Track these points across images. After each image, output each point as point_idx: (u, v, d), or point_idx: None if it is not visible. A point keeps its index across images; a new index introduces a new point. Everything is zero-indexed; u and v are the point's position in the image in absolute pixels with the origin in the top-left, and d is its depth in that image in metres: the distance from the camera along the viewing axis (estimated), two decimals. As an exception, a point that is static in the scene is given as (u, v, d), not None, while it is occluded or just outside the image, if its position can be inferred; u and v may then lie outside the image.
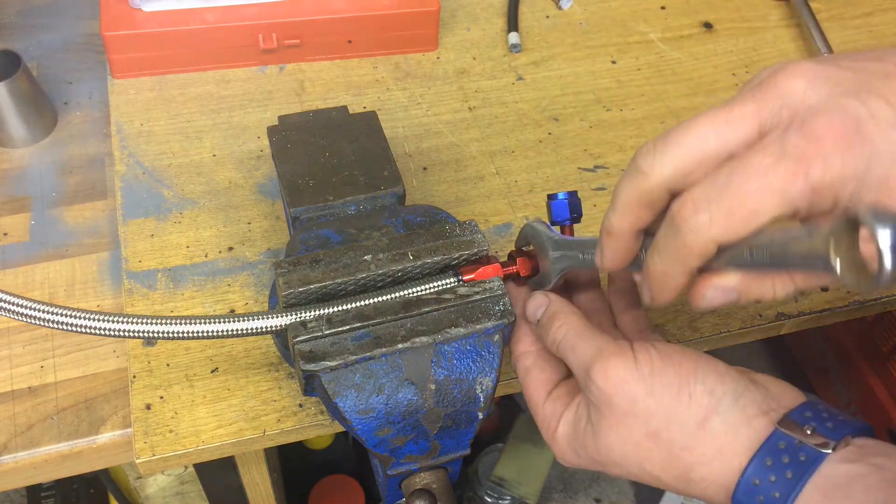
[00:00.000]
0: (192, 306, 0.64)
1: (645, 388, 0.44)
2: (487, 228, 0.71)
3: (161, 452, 0.56)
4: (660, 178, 0.40)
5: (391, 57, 0.85)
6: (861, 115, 0.36)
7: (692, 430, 0.43)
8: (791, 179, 0.36)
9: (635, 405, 0.44)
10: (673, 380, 0.44)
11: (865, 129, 0.36)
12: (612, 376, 0.44)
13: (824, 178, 0.36)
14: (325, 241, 0.55)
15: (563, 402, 0.49)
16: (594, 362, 0.45)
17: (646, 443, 0.44)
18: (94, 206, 0.74)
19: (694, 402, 0.43)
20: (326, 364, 0.48)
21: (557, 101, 0.83)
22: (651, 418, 0.44)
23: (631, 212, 0.42)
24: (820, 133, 0.36)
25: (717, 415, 0.43)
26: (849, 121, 0.37)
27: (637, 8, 0.93)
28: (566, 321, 0.49)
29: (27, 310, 0.49)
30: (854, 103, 0.37)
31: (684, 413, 0.43)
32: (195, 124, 0.78)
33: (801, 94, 0.38)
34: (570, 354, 0.48)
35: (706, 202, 0.38)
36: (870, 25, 0.94)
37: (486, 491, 1.33)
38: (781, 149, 0.37)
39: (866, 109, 0.37)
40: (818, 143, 0.36)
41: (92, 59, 0.86)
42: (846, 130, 0.36)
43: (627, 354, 0.45)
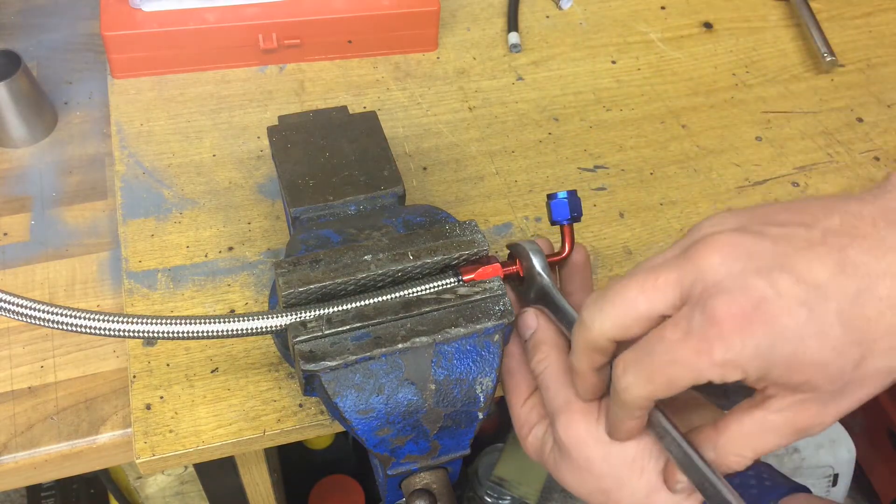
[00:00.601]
0: (192, 306, 0.64)
1: (601, 451, 0.47)
2: (487, 228, 0.71)
3: (161, 452, 0.56)
4: (600, 332, 0.43)
5: (391, 57, 0.85)
6: (766, 294, 0.37)
7: (640, 499, 0.46)
8: (696, 357, 0.38)
9: (590, 464, 0.47)
10: (630, 451, 0.46)
11: (768, 309, 0.37)
12: (573, 433, 0.47)
13: (726, 357, 0.38)
14: (325, 241, 0.55)
15: (538, 412, 0.52)
16: (560, 412, 0.48)
17: (597, 495, 0.48)
18: (94, 206, 0.74)
19: (644, 477, 0.46)
20: (326, 364, 0.48)
21: (557, 101, 0.83)
22: (604, 478, 0.47)
23: (585, 356, 0.45)
24: (720, 315, 0.38)
25: (664, 491, 0.46)
26: (750, 302, 0.38)
27: (637, 8, 0.93)
28: (546, 357, 0.51)
29: (27, 310, 0.49)
30: (761, 283, 0.38)
31: (635, 483, 0.46)
32: (195, 124, 0.78)
33: (714, 269, 0.39)
34: (543, 392, 0.50)
35: (631, 365, 0.41)
36: (870, 25, 0.94)
37: (486, 491, 1.33)
38: (688, 327, 0.39)
39: (772, 289, 0.38)
40: (718, 325, 0.38)
41: (92, 59, 0.86)
42: (745, 311, 0.37)
43: (591, 414, 0.47)
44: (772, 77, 0.87)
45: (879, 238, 0.38)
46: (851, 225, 0.39)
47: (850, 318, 0.37)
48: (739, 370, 0.38)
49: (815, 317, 0.37)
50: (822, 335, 0.37)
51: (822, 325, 0.37)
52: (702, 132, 0.81)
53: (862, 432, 1.34)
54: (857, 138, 0.82)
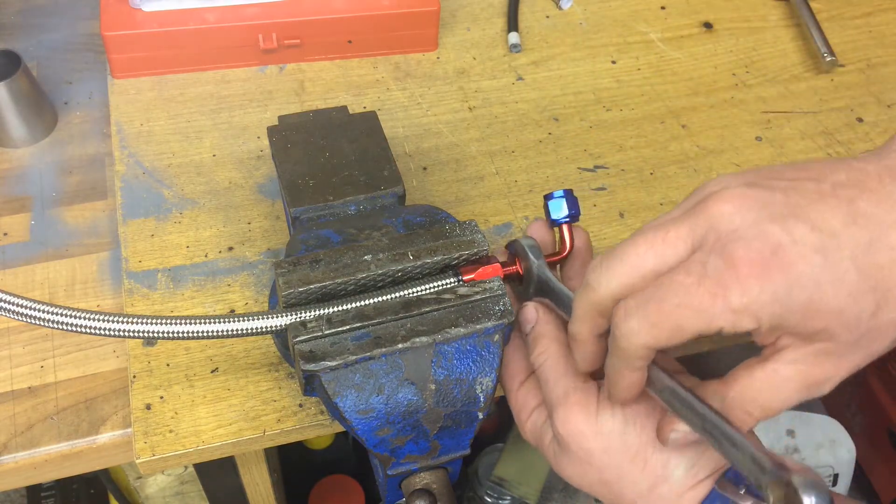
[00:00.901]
0: (192, 306, 0.64)
1: (601, 444, 0.46)
2: (487, 228, 0.71)
3: (161, 452, 0.56)
4: (606, 291, 0.43)
5: (391, 57, 0.85)
6: (782, 241, 0.37)
7: (642, 491, 0.46)
8: (711, 301, 0.38)
9: (590, 457, 0.47)
10: (631, 443, 0.46)
11: (785, 255, 0.37)
12: (571, 426, 0.47)
13: (742, 302, 0.37)
14: (325, 241, 0.55)
15: (534, 396, 0.51)
16: (558, 406, 0.48)
17: (598, 486, 0.47)
18: (94, 206, 0.74)
19: (647, 469, 0.46)
20: (326, 364, 0.48)
21: (557, 101, 0.83)
22: (605, 470, 0.46)
23: (588, 320, 0.45)
24: (738, 259, 0.37)
25: (667, 483, 0.45)
26: (767, 247, 0.37)
27: (637, 8, 0.93)
28: (546, 349, 0.50)
29: (27, 310, 0.49)
30: (776, 229, 0.38)
31: (637, 475, 0.46)
32: (195, 124, 0.78)
33: (728, 218, 0.39)
34: (542, 385, 0.50)
35: (634, 310, 0.40)
36: (870, 25, 0.94)
37: (486, 491, 1.33)
38: (703, 270, 0.38)
39: (788, 235, 0.38)
40: (735, 269, 0.37)
41: (92, 59, 0.86)
42: (764, 257, 0.37)
43: (590, 406, 0.47)
44: (772, 77, 0.87)
45: (886, 192, 0.38)
46: (858, 179, 0.39)
47: (864, 266, 0.37)
48: (754, 318, 0.38)
49: (830, 263, 0.37)
50: (838, 281, 0.37)
51: (838, 271, 0.37)
52: (702, 132, 0.81)
53: (862, 432, 1.34)
54: (857, 138, 0.82)
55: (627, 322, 0.41)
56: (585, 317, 0.45)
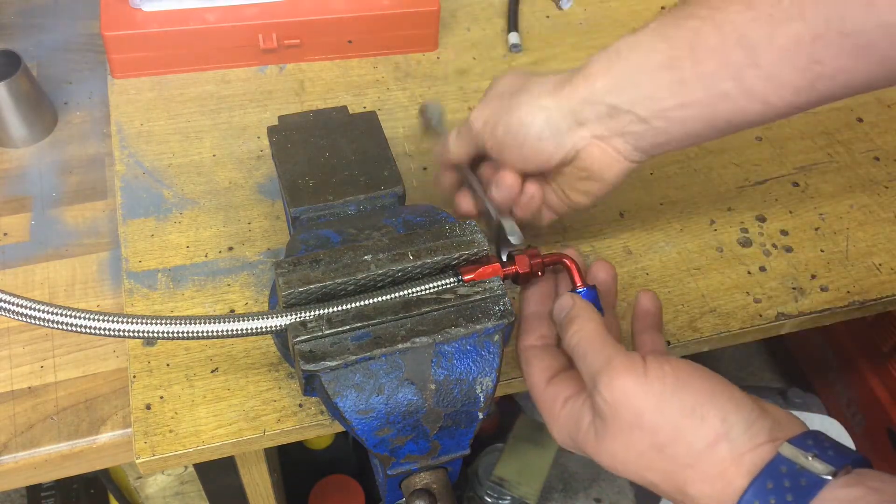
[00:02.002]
0: (192, 306, 0.64)
1: (653, 403, 0.44)
2: (487, 228, 0.71)
3: (161, 452, 0.56)
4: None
5: (391, 57, 0.85)
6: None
7: (699, 451, 0.44)
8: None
9: (641, 418, 0.45)
10: (687, 400, 0.44)
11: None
12: (618, 388, 0.45)
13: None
14: (325, 241, 0.55)
15: (567, 386, 0.50)
16: (601, 373, 0.46)
17: (649, 453, 0.45)
18: (94, 206, 0.74)
19: (706, 425, 0.44)
20: (326, 364, 0.48)
21: (557, 101, 0.82)
22: (658, 432, 0.44)
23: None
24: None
25: (727, 441, 0.43)
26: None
27: (637, 8, 0.93)
28: (582, 327, 0.49)
29: (27, 310, 0.49)
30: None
31: (693, 433, 0.44)
32: (195, 124, 0.78)
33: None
34: (580, 361, 0.48)
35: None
36: (870, 25, 0.94)
37: (486, 491, 1.33)
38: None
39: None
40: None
41: (92, 59, 0.86)
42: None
43: (638, 368, 0.45)
44: (772, 77, 0.87)
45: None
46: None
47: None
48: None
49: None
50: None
51: None
52: (702, 132, 0.81)
53: (862, 432, 1.34)
54: (857, 138, 0.82)
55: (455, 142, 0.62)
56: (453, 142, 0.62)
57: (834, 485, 0.40)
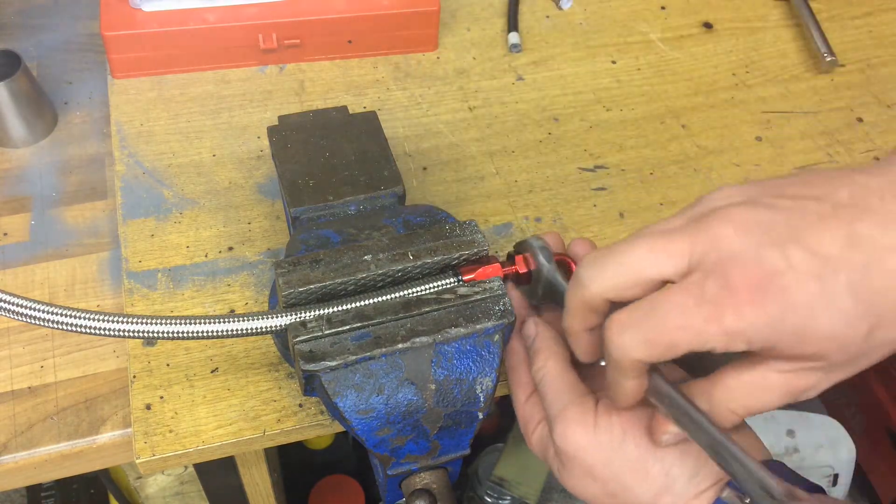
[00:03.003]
0: (192, 306, 0.64)
1: (602, 457, 0.46)
2: (487, 228, 0.71)
3: (161, 452, 0.56)
4: (598, 290, 0.43)
5: (391, 57, 0.85)
6: (779, 267, 0.38)
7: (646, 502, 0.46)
8: (706, 323, 0.38)
9: (592, 471, 0.47)
10: (632, 454, 0.46)
11: (782, 281, 0.38)
12: (571, 442, 0.47)
13: (737, 326, 0.38)
14: (325, 241, 0.55)
15: (539, 410, 0.51)
16: (556, 421, 0.48)
17: (602, 498, 0.48)
18: (94, 206, 0.74)
19: (649, 480, 0.46)
20: (326, 364, 0.48)
21: (557, 101, 0.83)
22: (608, 483, 0.47)
23: (579, 315, 0.45)
24: (735, 284, 0.38)
25: (670, 493, 0.45)
26: (765, 273, 0.38)
27: (637, 8, 0.93)
28: (544, 364, 0.50)
29: (27, 310, 0.49)
30: (775, 254, 0.38)
31: (639, 486, 0.46)
32: (195, 124, 0.78)
33: (728, 240, 0.39)
34: (542, 399, 0.50)
35: (629, 327, 0.41)
36: (870, 25, 0.94)
37: (486, 491, 1.33)
38: (701, 293, 0.39)
39: (786, 261, 0.38)
40: (732, 294, 0.38)
41: (92, 59, 0.86)
42: (761, 283, 0.38)
43: (588, 420, 0.47)
44: (772, 77, 0.87)
45: (886, 211, 0.38)
46: (860, 198, 0.39)
47: (859, 291, 0.37)
48: (746, 341, 0.38)
49: (826, 289, 0.37)
50: (833, 308, 0.37)
51: (833, 297, 0.37)
52: (702, 132, 0.81)
53: (862, 432, 1.34)
54: (857, 138, 0.82)
55: (621, 337, 0.41)
56: (576, 312, 0.45)
57: None
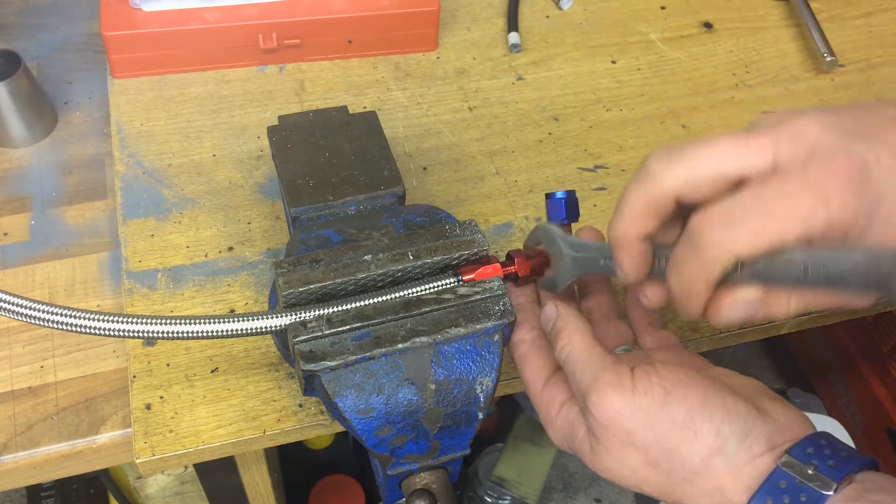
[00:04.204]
0: (192, 306, 0.64)
1: (643, 421, 0.43)
2: (487, 228, 0.71)
3: (161, 452, 0.56)
4: (672, 183, 0.41)
5: (391, 57, 0.85)
6: (868, 159, 0.40)
7: (694, 465, 0.43)
8: (813, 210, 0.39)
9: (633, 437, 0.44)
10: (677, 414, 0.43)
11: (873, 172, 0.40)
12: (607, 408, 0.44)
13: (841, 213, 0.39)
14: (325, 241, 0.55)
15: (563, 389, 0.49)
16: (590, 392, 0.45)
17: (643, 470, 0.44)
18: (94, 206, 0.74)
19: (699, 440, 0.43)
20: (326, 364, 0.48)
21: (557, 101, 0.83)
22: (650, 449, 0.44)
23: (638, 218, 0.43)
24: (839, 170, 0.39)
25: (722, 454, 0.42)
26: (860, 163, 0.40)
27: (637, 8, 0.93)
28: (569, 341, 0.48)
29: (27, 310, 0.49)
30: (862, 148, 0.40)
31: (687, 448, 0.43)
32: (195, 124, 0.78)
33: (817, 135, 0.40)
34: (570, 378, 0.47)
35: (733, 218, 0.39)
36: (870, 25, 0.94)
37: (486, 491, 1.33)
38: (805, 179, 0.39)
39: (872, 154, 0.40)
40: (837, 181, 0.39)
41: (92, 59, 0.86)
42: (859, 171, 0.39)
43: (626, 385, 0.44)
44: (772, 77, 0.87)
45: None
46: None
47: None
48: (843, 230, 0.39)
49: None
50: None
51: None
52: (702, 132, 0.81)
53: (862, 432, 1.34)
54: (857, 138, 0.82)
55: (724, 231, 0.39)
56: (636, 212, 0.43)
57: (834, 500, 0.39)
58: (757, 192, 0.40)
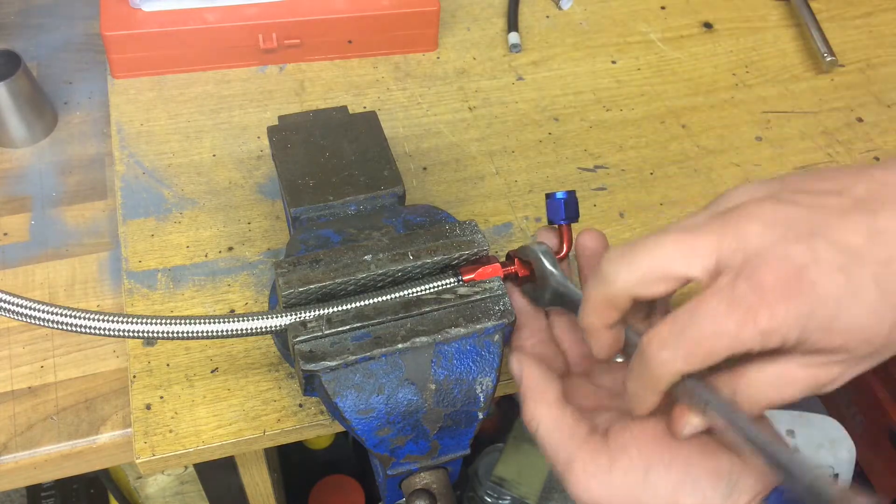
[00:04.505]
0: (192, 306, 0.64)
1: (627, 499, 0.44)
2: (487, 228, 0.71)
3: (161, 452, 0.56)
4: (623, 287, 0.42)
5: (391, 57, 0.85)
6: (806, 261, 0.38)
7: None
8: (742, 327, 0.38)
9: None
10: (661, 490, 0.43)
11: (808, 275, 0.38)
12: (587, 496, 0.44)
13: (770, 325, 0.38)
14: (325, 241, 0.55)
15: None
16: (566, 473, 0.45)
17: None
18: (94, 206, 0.74)
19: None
20: (326, 364, 0.48)
21: (557, 101, 0.83)
22: None
23: (600, 312, 0.44)
24: (766, 283, 0.38)
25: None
26: (793, 269, 0.38)
27: (637, 8, 0.93)
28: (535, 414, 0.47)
29: (27, 310, 0.49)
30: (801, 249, 0.38)
31: None
32: (195, 124, 0.78)
33: (755, 238, 0.39)
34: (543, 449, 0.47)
35: (669, 341, 0.40)
36: (870, 25, 0.94)
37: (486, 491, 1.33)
38: (732, 296, 0.39)
39: (812, 255, 0.38)
40: (764, 294, 0.38)
41: (92, 59, 0.86)
42: (790, 280, 0.38)
43: (602, 465, 0.44)
44: (772, 77, 0.87)
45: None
46: (877, 192, 0.40)
47: (884, 283, 0.38)
48: (780, 337, 0.38)
49: (852, 281, 0.38)
50: (859, 300, 0.38)
51: (859, 289, 0.38)
52: (702, 132, 0.81)
53: (862, 432, 1.34)
54: (857, 138, 0.82)
55: (661, 353, 0.41)
56: (598, 309, 0.44)
57: None
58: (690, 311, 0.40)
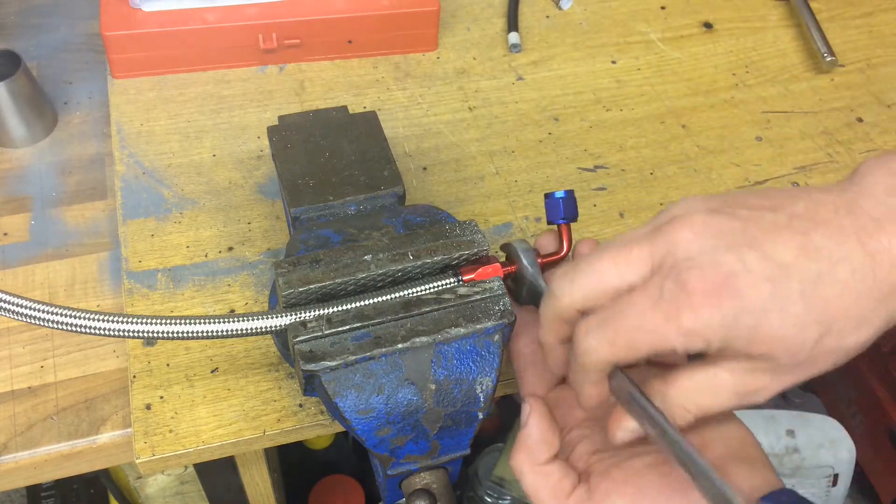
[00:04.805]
0: (192, 306, 0.64)
1: None
2: (487, 228, 0.71)
3: (161, 452, 0.56)
4: (569, 302, 0.45)
5: (391, 57, 0.85)
6: (735, 269, 0.39)
7: None
8: (664, 323, 0.40)
9: None
10: None
11: (736, 282, 0.39)
12: None
13: (693, 326, 0.39)
14: (325, 241, 0.55)
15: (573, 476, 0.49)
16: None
17: None
18: (94, 206, 0.74)
19: None
20: (326, 364, 0.48)
21: (557, 101, 0.83)
22: None
23: (553, 326, 0.47)
24: (691, 285, 0.39)
25: None
26: (720, 274, 0.39)
27: (637, 8, 0.93)
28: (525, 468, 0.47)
29: (27, 310, 0.49)
30: (730, 257, 0.40)
31: None
32: (195, 124, 0.78)
33: (686, 244, 0.41)
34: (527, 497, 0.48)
35: (595, 329, 0.42)
36: (870, 25, 0.94)
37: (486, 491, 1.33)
38: (659, 294, 0.40)
39: (741, 264, 0.39)
40: (688, 294, 0.39)
41: (92, 59, 0.86)
42: (716, 284, 0.39)
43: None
44: (772, 77, 0.87)
45: (839, 224, 0.40)
46: (814, 210, 0.41)
47: (811, 298, 0.39)
48: (703, 340, 0.40)
49: (778, 293, 0.39)
50: (784, 311, 0.39)
51: (785, 301, 0.39)
52: (702, 132, 0.81)
53: (862, 432, 1.34)
54: (857, 138, 0.82)
55: (587, 339, 0.43)
56: (550, 324, 0.47)
57: None
58: (618, 304, 0.42)
